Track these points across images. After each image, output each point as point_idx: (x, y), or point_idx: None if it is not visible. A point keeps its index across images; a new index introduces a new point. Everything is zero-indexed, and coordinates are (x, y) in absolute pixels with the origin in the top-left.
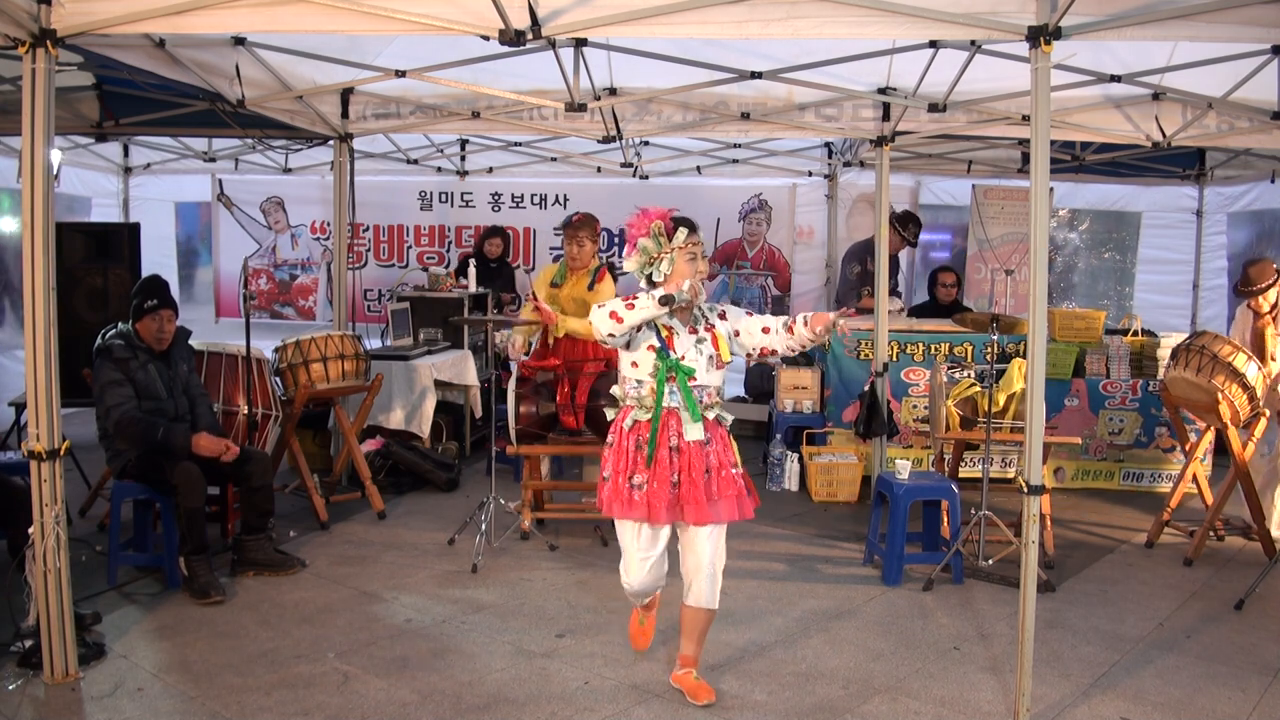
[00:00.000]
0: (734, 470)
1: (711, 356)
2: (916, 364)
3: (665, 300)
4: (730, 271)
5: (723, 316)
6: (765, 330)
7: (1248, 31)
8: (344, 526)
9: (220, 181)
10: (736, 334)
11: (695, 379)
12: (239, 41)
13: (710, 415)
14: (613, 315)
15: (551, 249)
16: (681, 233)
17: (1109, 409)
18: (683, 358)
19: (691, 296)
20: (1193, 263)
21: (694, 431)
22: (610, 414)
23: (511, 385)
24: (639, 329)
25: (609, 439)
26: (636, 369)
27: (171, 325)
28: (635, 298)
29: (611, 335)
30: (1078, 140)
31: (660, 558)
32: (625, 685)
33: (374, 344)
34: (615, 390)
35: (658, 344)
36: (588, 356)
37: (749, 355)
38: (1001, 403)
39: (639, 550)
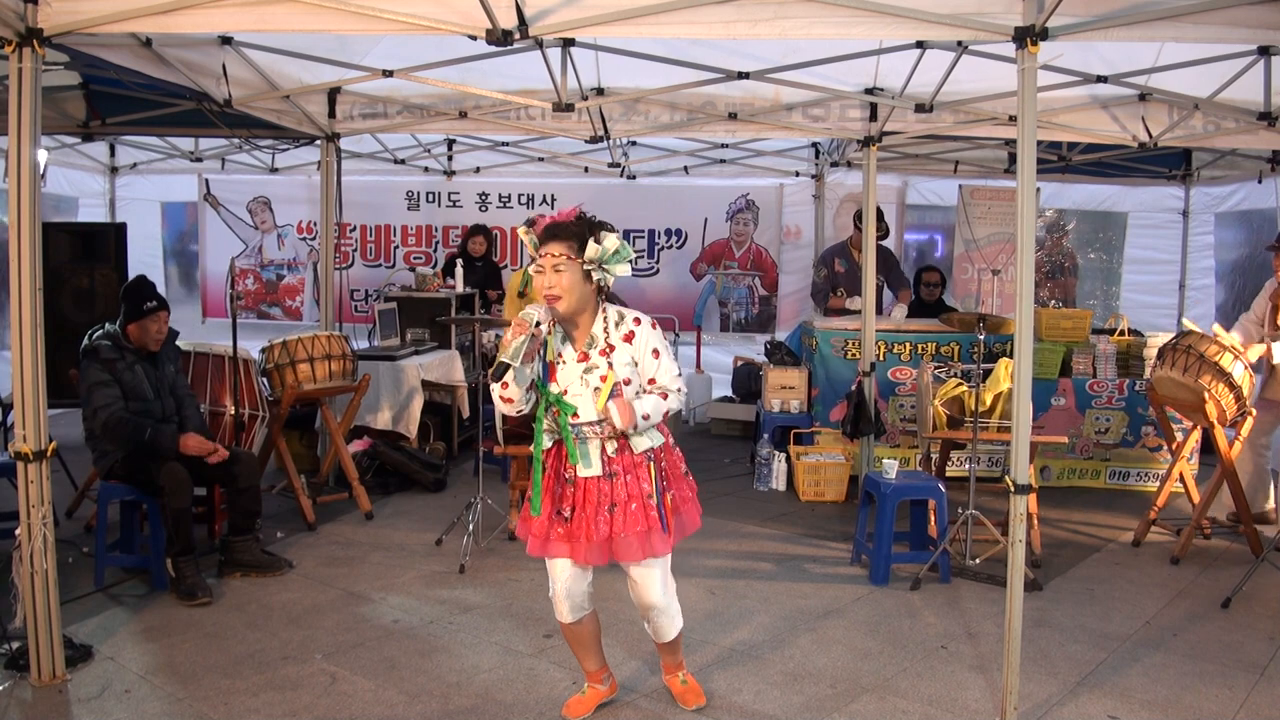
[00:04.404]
0: (649, 500)
1: (599, 389)
2: (903, 363)
3: (498, 374)
4: (718, 271)
5: (629, 338)
6: (652, 382)
7: (1234, 33)
8: (331, 527)
9: (207, 181)
10: (637, 363)
11: (578, 416)
12: (226, 41)
13: (611, 448)
14: (504, 399)
15: None
16: (529, 239)
17: (1095, 408)
18: (565, 391)
19: (528, 343)
20: (1179, 263)
21: (585, 469)
22: None
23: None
24: (530, 383)
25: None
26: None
27: (167, 325)
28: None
29: (520, 410)
30: (1064, 140)
31: (570, 586)
32: None
33: (361, 344)
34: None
35: (539, 374)
36: None
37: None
38: (988, 402)
39: (550, 568)
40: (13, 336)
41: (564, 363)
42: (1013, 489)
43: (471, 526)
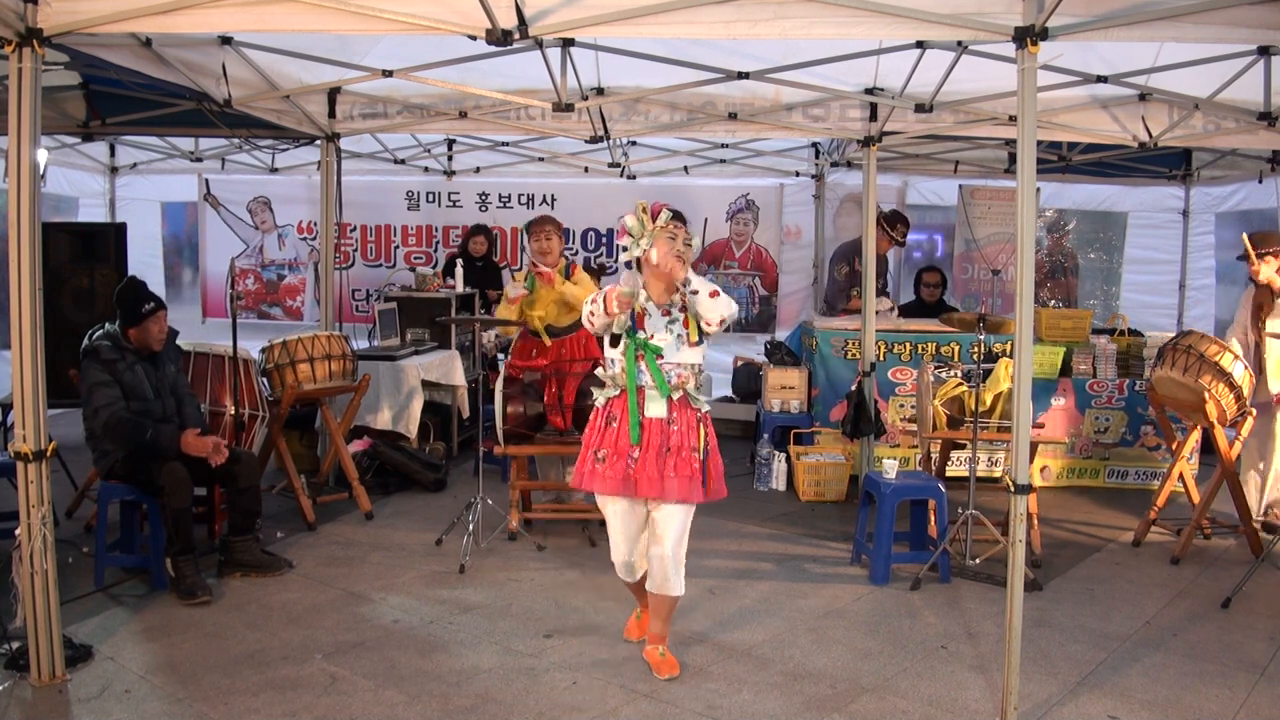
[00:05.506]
0: (694, 453)
1: (681, 335)
2: (904, 364)
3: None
4: (718, 271)
5: (695, 292)
6: (713, 295)
7: (1234, 33)
8: (331, 527)
9: (207, 181)
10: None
11: (663, 357)
12: (226, 41)
13: (677, 395)
14: (591, 321)
15: None
16: (664, 214)
17: (1095, 408)
18: (651, 336)
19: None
20: (1179, 263)
21: (655, 408)
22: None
23: (499, 385)
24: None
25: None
26: (614, 348)
27: (166, 323)
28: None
29: (591, 321)
30: (1064, 140)
31: (637, 533)
32: (613, 685)
33: (361, 344)
34: (599, 373)
35: (629, 324)
36: (575, 356)
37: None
38: (988, 402)
39: (614, 523)
40: (13, 336)
41: (649, 315)
42: (1013, 489)
43: (471, 526)
